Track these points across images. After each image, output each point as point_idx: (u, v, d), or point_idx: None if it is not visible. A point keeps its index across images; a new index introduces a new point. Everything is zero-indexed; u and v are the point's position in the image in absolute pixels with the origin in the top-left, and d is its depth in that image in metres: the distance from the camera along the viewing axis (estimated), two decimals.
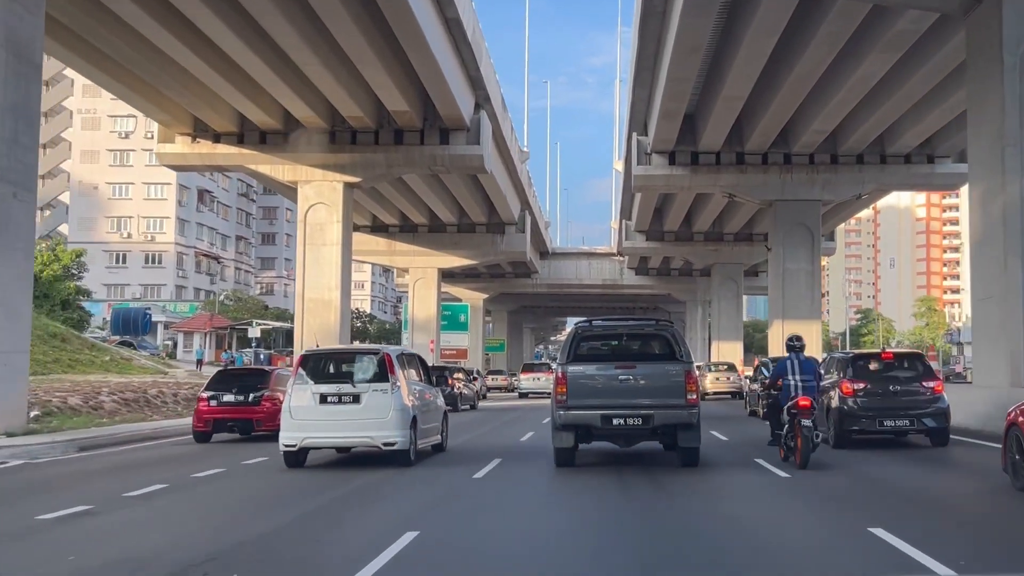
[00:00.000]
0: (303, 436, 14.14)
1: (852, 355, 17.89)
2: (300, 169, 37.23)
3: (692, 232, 58.91)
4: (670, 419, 13.47)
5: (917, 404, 16.30)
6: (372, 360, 14.78)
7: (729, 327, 59.62)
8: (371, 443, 14.30)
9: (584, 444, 14.23)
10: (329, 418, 14.17)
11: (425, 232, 58.09)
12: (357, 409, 14.22)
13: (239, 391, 19.33)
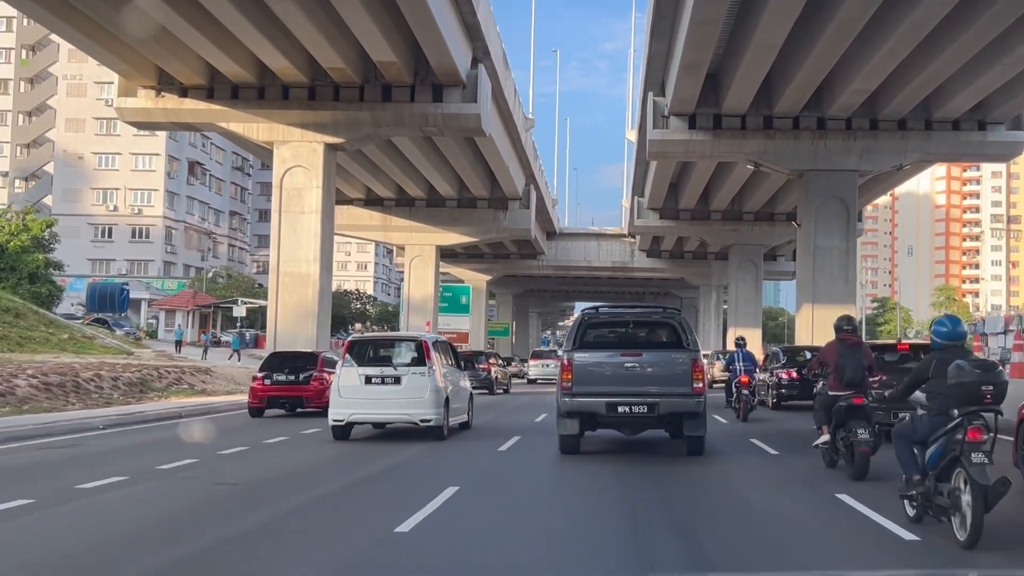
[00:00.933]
0: (350, 412, 15.99)
1: None
2: (276, 128, 33.37)
3: (709, 210, 54.90)
4: (676, 407, 13.43)
5: None
6: (411, 346, 16.86)
7: (747, 313, 55.68)
8: (409, 419, 16.13)
9: (589, 432, 14.26)
10: (373, 397, 16.01)
11: (423, 207, 54.24)
12: (398, 390, 16.00)
13: (290, 371, 21.76)
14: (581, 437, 14.08)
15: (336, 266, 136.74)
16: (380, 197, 54.03)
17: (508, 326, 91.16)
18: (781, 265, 74.51)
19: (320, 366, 21.86)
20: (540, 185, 57.98)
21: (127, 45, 29.93)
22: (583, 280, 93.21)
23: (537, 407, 26.07)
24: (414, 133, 34.43)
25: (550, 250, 76.18)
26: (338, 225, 54.55)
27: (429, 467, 13.20)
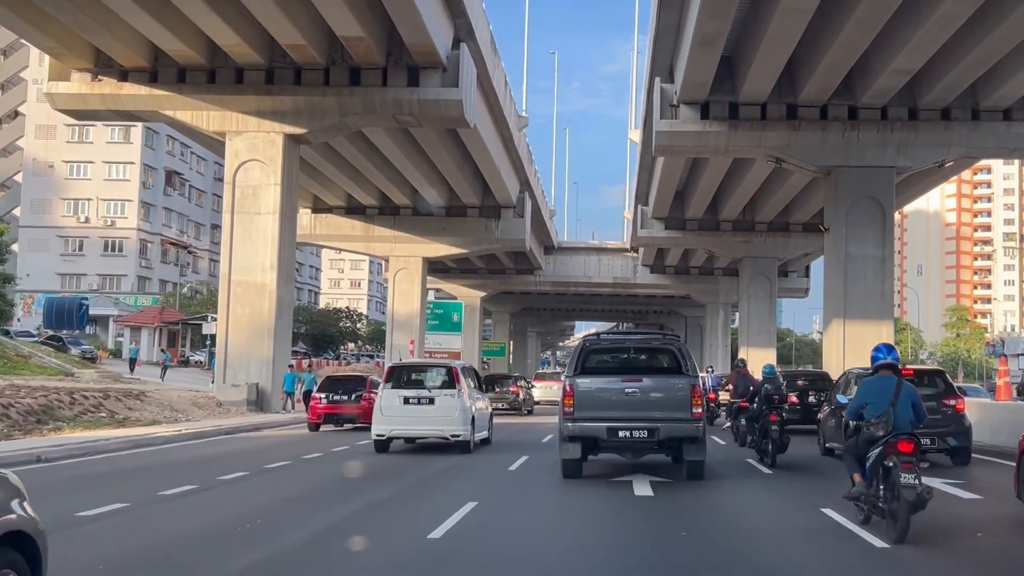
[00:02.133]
0: (391, 428, 18.38)
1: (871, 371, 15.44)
2: (229, 116, 29.21)
3: (718, 220, 50.61)
4: (676, 432, 13.64)
5: (939, 422, 15.62)
6: (442, 371, 19.25)
7: (760, 332, 51.27)
8: (442, 435, 18.49)
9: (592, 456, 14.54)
10: (410, 415, 18.34)
11: (408, 215, 50.02)
12: (432, 409, 18.28)
13: (344, 392, 24.68)
14: (584, 461, 14.31)
15: (328, 284, 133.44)
16: (362, 205, 49.83)
17: (504, 345, 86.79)
18: (793, 281, 70.29)
19: (368, 387, 24.12)
20: (536, 193, 53.74)
21: (53, 17, 25.78)
22: (583, 298, 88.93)
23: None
24: (387, 123, 30.20)
25: (548, 265, 71.93)
26: (317, 235, 50.52)
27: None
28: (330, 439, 21.58)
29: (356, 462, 16.46)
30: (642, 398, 13.74)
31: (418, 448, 19.29)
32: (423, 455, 17.99)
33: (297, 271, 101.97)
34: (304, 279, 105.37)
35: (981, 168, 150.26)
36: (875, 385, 9.82)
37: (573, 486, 13.43)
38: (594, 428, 13.64)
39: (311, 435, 22.99)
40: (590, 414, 13.67)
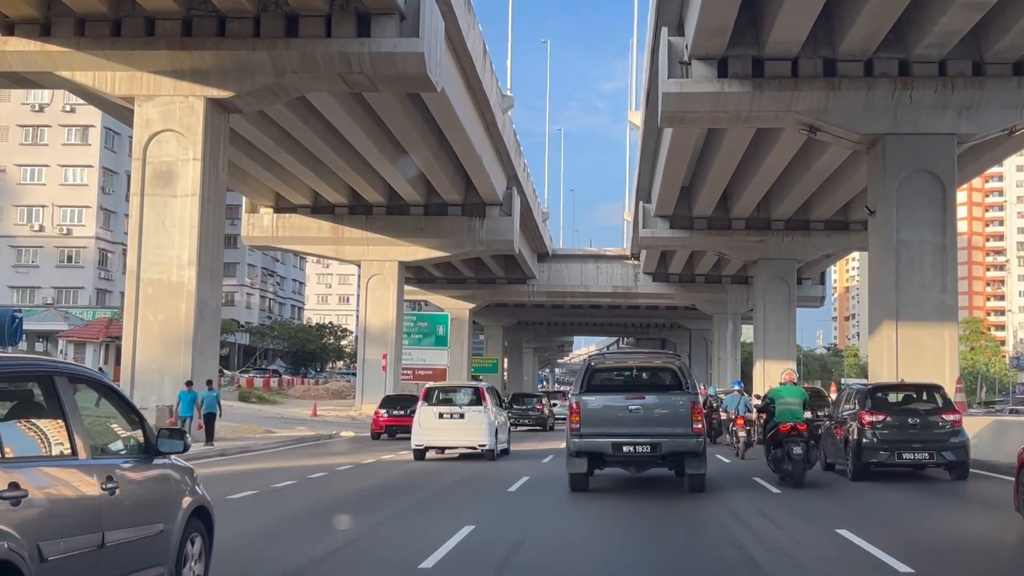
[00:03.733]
0: (427, 440, 21.28)
1: (871, 387, 18.12)
2: (138, 78, 23.80)
3: (730, 218, 45.16)
4: (677, 447, 14.18)
5: (937, 437, 16.05)
6: (470, 391, 22.22)
7: (778, 342, 45.71)
8: (470, 445, 21.28)
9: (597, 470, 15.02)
10: (444, 428, 21.08)
11: (382, 214, 44.61)
12: (462, 423, 21.03)
13: (400, 408, 29.77)
14: (590, 476, 14.79)
15: (315, 299, 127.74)
16: (330, 203, 44.41)
17: (497, 362, 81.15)
18: (807, 289, 64.76)
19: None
20: (526, 190, 48.33)
21: None
22: (581, 310, 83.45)
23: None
24: (335, 85, 24.73)
25: (542, 274, 66.55)
26: (280, 238, 45.07)
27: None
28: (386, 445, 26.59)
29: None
30: (645, 414, 14.32)
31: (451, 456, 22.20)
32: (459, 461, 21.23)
33: (279, 284, 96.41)
34: (287, 293, 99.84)
35: (992, 175, 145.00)
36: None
37: None
38: (600, 443, 14.31)
39: (376, 442, 28.34)
40: (596, 430, 14.32)
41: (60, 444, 5.49)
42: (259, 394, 49.94)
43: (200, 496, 6.99)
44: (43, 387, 5.54)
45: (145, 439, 6.48)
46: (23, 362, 5.96)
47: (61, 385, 5.55)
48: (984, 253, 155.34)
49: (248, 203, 45.44)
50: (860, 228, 45.21)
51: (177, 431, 6.76)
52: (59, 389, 5.53)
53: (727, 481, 16.46)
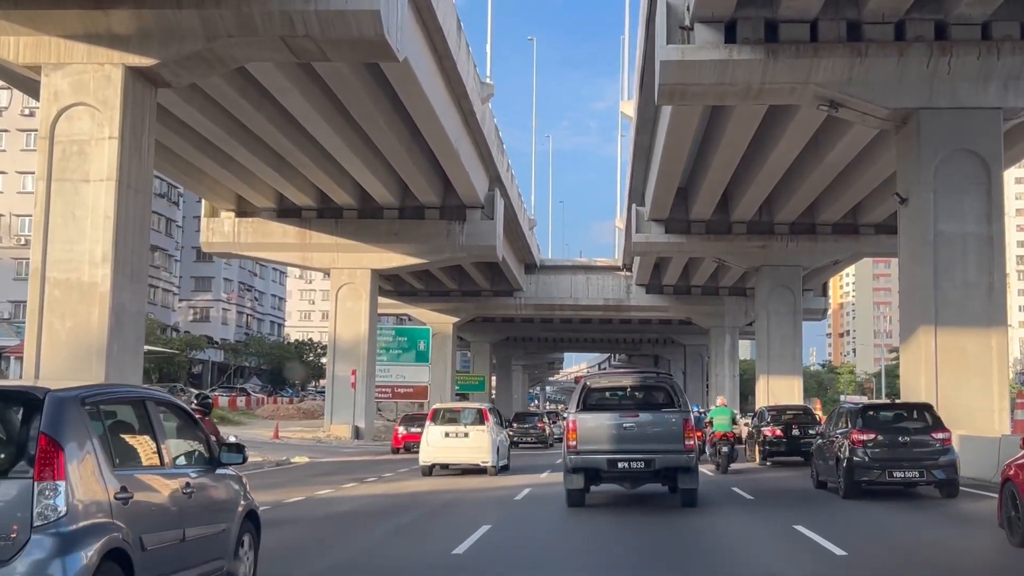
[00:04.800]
0: (434, 457, 23.07)
1: (861, 406, 18.41)
2: (46, 43, 20.23)
3: (730, 222, 41.74)
4: (670, 463, 14.77)
5: (927, 455, 16.35)
6: (474, 411, 23.99)
7: (783, 356, 42.19)
8: (473, 461, 22.99)
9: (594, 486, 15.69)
10: (449, 446, 22.89)
11: (353, 218, 41.07)
12: (466, 441, 22.73)
13: (417, 425, 31.14)
14: (587, 492, 15.47)
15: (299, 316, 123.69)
16: (296, 206, 40.84)
17: (483, 379, 77.47)
18: (808, 301, 61.05)
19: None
20: (510, 192, 44.88)
21: None
22: (571, 325, 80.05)
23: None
24: (277, 53, 21.17)
25: (529, 286, 63.05)
26: (242, 244, 41.48)
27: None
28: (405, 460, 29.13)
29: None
30: (639, 432, 14.87)
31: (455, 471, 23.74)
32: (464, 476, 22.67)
33: (257, 300, 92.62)
34: (266, 309, 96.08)
35: None
36: None
37: None
38: (596, 460, 14.88)
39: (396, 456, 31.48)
40: (592, 447, 14.89)
41: (151, 455, 6.96)
42: (223, 414, 46.23)
43: (251, 501, 8.28)
44: (137, 409, 7.08)
45: (209, 452, 7.76)
46: (124, 389, 7.63)
47: (151, 407, 7.12)
48: None
49: (207, 206, 41.88)
50: (871, 232, 41.89)
51: (236, 446, 8.15)
52: (149, 411, 7.08)
53: None
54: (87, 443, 6.05)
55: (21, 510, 5.58)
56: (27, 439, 5.79)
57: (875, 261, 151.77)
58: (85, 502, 5.83)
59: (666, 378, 16.57)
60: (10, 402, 6.20)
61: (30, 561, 5.49)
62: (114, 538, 5.92)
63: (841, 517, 14.22)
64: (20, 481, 5.64)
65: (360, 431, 40.18)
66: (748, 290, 60.52)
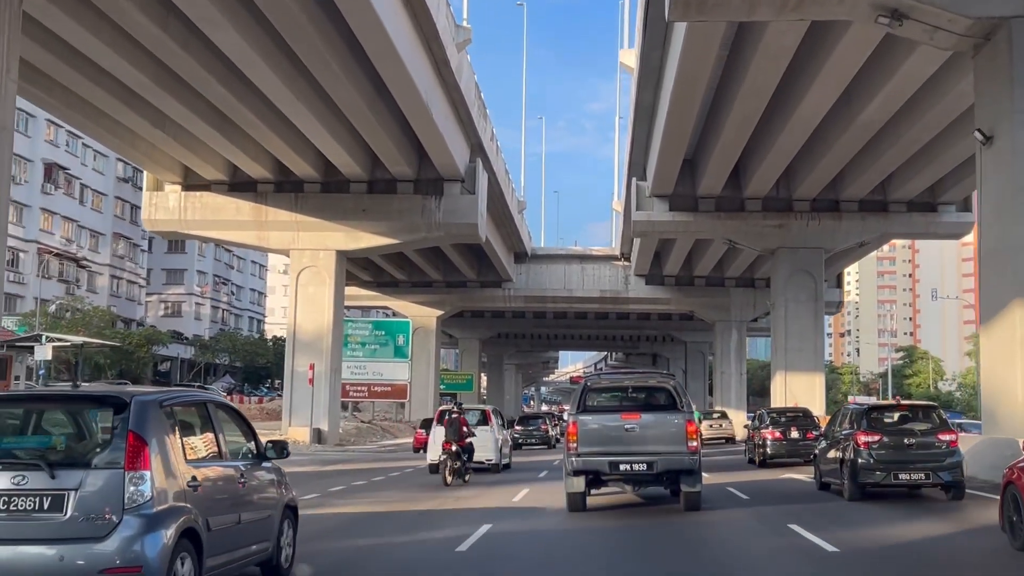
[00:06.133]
0: (441, 456, 21.03)
1: (867, 407, 18.13)
2: None
3: (743, 197, 36.96)
4: (672, 465, 14.40)
5: (933, 457, 16.02)
6: (479, 412, 25.32)
7: (801, 349, 37.27)
8: (478, 459, 22.75)
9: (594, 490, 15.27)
10: None
11: (316, 192, 36.23)
12: (472, 440, 21.75)
13: None
14: (587, 495, 15.00)
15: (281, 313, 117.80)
16: (251, 178, 35.95)
17: (471, 377, 72.59)
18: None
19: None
20: (494, 165, 40.00)
21: None
22: (565, 320, 75.26)
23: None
24: None
25: (520, 276, 58.24)
26: (189, 221, 36.53)
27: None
28: None
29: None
30: (640, 433, 14.52)
31: None
32: None
33: (234, 294, 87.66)
34: (244, 304, 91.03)
35: None
36: None
37: None
38: (597, 462, 14.52)
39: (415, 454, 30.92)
40: (593, 449, 14.54)
41: (213, 450, 8.05)
42: None
43: (291, 493, 9.44)
44: (200, 411, 8.17)
45: (256, 448, 8.91)
46: (190, 394, 8.55)
47: (211, 409, 8.25)
48: None
49: (150, 178, 37.00)
50: (902, 209, 37.12)
51: (280, 444, 9.23)
52: (210, 411, 8.21)
53: None
54: (166, 439, 7.20)
55: (114, 495, 6.68)
56: (118, 436, 6.92)
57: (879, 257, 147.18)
58: (165, 489, 6.94)
59: (668, 378, 16.17)
60: (102, 405, 7.42)
61: (122, 538, 6.62)
62: (188, 519, 7.07)
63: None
64: (113, 471, 6.74)
65: (322, 435, 35.26)
66: (757, 280, 55.82)
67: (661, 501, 15.91)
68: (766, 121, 29.23)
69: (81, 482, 6.69)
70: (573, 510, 14.76)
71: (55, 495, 6.65)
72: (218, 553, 7.57)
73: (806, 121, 28.29)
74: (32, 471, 6.72)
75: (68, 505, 6.64)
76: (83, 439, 7.35)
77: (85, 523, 6.62)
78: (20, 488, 6.67)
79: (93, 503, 6.65)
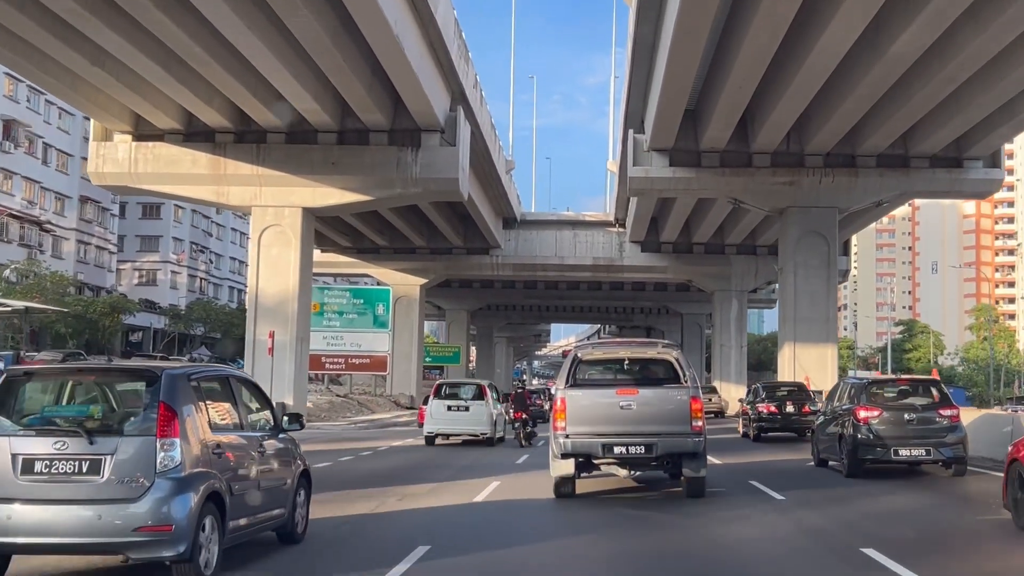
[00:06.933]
0: (437, 428, 25.26)
1: (867, 381, 17.94)
2: None
3: (750, 152, 33.70)
4: (674, 447, 13.16)
5: (934, 433, 15.95)
6: (474, 387, 26.55)
7: (813, 320, 34.11)
8: (474, 433, 25.38)
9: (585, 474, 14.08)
10: (451, 418, 25.39)
11: (280, 143, 32.91)
12: (467, 414, 25.33)
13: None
14: (577, 479, 13.75)
15: None
16: (209, 127, 32.57)
17: (458, 350, 69.52)
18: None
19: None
20: (478, 116, 36.64)
21: None
22: (556, 292, 72.20)
23: None
24: None
25: (508, 242, 55.17)
26: (140, 175, 33.20)
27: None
28: None
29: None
30: (638, 411, 13.23)
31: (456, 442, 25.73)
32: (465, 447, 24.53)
33: (213, 263, 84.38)
34: (224, 273, 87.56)
35: None
36: None
37: None
38: (588, 444, 13.24)
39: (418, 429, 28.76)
40: (584, 429, 13.26)
41: (234, 420, 8.73)
42: None
43: (304, 462, 10.06)
44: (222, 384, 8.89)
45: (274, 419, 9.55)
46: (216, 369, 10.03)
47: (233, 382, 9.02)
48: (993, 237, 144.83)
49: (97, 127, 33.67)
50: (924, 164, 33.93)
51: (296, 415, 9.98)
52: (232, 385, 8.95)
53: None
54: (193, 409, 7.81)
55: (147, 460, 7.33)
56: (150, 406, 7.57)
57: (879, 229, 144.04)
58: (193, 455, 7.56)
59: (670, 349, 14.63)
60: (135, 378, 8.24)
61: (154, 499, 7.26)
62: (213, 483, 7.72)
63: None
64: (146, 438, 7.42)
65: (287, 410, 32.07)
66: (759, 248, 52.77)
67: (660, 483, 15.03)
68: (780, 60, 25.91)
69: (116, 448, 7.34)
70: (561, 497, 13.53)
71: (93, 460, 7.29)
72: (239, 516, 8.24)
73: (826, 58, 24.95)
74: (72, 437, 7.35)
75: (105, 469, 7.28)
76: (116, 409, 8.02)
77: (120, 486, 7.26)
78: (61, 453, 7.30)
79: (128, 467, 7.30)
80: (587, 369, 14.33)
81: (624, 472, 14.35)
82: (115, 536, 7.20)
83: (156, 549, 7.27)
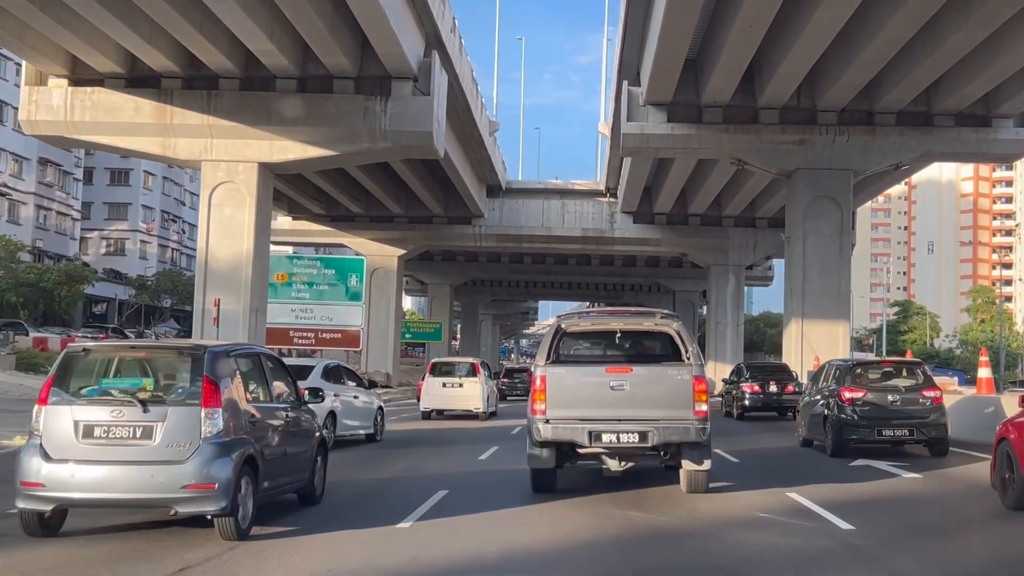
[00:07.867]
0: (432, 404, 27.36)
1: (851, 363, 18.23)
2: None
3: (756, 107, 30.46)
4: (673, 436, 11.37)
5: (917, 414, 16.36)
6: (468, 365, 28.32)
7: (824, 293, 30.88)
8: (467, 408, 27.15)
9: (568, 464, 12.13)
10: (446, 395, 27.30)
11: (234, 90, 29.42)
12: (461, 391, 27.18)
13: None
14: (558, 470, 11.98)
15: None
16: (154, 71, 29.06)
17: (440, 326, 66.24)
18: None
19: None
20: (457, 67, 33.17)
21: None
22: (544, 266, 68.94)
23: None
24: None
25: (492, 212, 51.92)
26: (77, 123, 29.67)
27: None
28: None
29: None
30: (632, 392, 11.46)
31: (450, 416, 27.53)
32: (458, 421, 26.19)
33: (185, 233, 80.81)
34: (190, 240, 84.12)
35: None
36: None
37: None
38: (572, 430, 11.39)
39: None
40: (567, 413, 11.44)
41: (264, 393, 9.80)
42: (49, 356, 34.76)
43: (322, 432, 11.30)
44: (253, 361, 9.88)
45: (295, 393, 10.62)
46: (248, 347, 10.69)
47: (263, 359, 10.07)
48: (991, 217, 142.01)
49: (29, 70, 30.12)
50: (948, 123, 30.74)
51: (315, 390, 11.78)
52: (262, 362, 10.00)
53: None
54: (232, 383, 8.88)
55: (193, 427, 8.40)
56: (195, 379, 8.58)
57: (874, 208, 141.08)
58: (232, 423, 8.64)
59: (670, 320, 12.36)
60: (182, 354, 9.06)
61: (199, 461, 8.28)
62: (248, 448, 8.77)
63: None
64: (192, 408, 8.46)
65: None
66: (759, 220, 49.67)
67: None
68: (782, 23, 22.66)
69: (166, 416, 8.41)
70: (539, 491, 11.90)
71: (146, 426, 8.37)
72: (269, 478, 9.28)
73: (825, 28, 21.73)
74: (127, 407, 8.42)
75: (157, 434, 8.36)
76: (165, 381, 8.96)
77: (169, 449, 8.32)
78: (118, 420, 8.38)
79: (176, 433, 8.37)
80: (572, 343, 12.58)
81: (615, 464, 12.29)
82: (165, 492, 8.27)
83: (201, 504, 8.33)
